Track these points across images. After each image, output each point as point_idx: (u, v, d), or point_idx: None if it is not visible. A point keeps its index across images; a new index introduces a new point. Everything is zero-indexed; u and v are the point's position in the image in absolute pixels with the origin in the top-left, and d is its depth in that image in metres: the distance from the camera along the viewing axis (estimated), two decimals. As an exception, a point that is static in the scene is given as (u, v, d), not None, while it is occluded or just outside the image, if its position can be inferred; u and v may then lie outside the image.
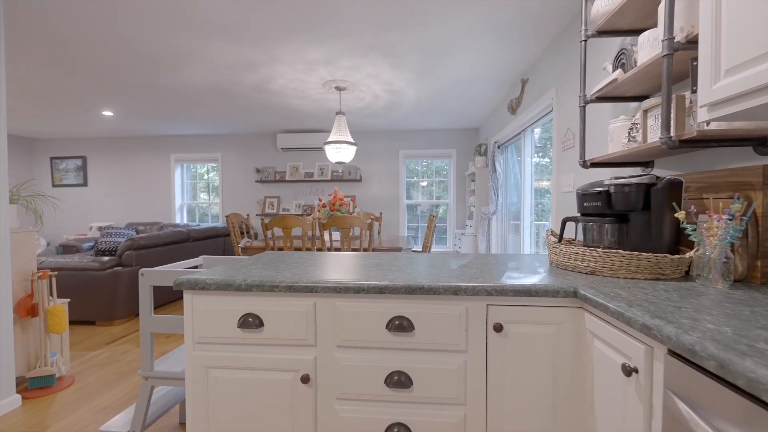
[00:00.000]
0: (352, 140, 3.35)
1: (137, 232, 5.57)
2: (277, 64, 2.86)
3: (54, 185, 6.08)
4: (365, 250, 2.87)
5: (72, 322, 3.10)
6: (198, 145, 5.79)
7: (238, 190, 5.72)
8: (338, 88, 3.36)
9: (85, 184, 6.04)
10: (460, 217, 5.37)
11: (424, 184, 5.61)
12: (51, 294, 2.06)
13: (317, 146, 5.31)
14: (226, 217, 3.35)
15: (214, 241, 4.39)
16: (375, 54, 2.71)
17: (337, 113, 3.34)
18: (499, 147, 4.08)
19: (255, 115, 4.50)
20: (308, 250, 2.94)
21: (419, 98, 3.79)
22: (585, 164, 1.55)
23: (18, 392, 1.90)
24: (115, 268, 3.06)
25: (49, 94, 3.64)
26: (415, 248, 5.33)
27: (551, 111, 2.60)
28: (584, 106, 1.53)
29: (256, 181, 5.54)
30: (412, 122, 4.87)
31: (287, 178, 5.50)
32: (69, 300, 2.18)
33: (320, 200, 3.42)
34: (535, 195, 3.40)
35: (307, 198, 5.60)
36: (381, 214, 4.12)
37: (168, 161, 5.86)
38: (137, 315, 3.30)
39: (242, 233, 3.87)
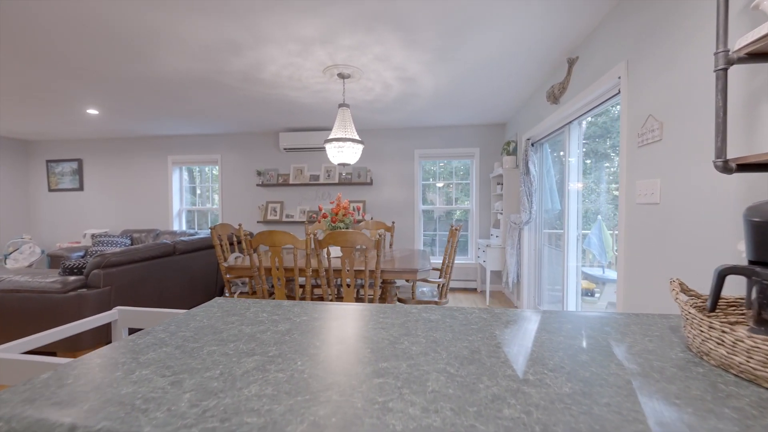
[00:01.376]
0: (357, 137, 2.80)
1: (132, 240, 5.20)
2: (265, 44, 2.34)
3: (50, 189, 5.79)
4: (372, 273, 2.31)
5: (32, 352, 2.65)
6: (196, 145, 5.37)
7: (239, 194, 5.27)
8: (341, 76, 2.82)
9: (80, 188, 5.73)
10: (483, 224, 4.74)
11: (440, 185, 5.00)
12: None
13: (322, 146, 4.79)
14: (211, 228, 2.86)
15: (206, 254, 3.92)
16: (382, 27, 2.14)
17: (341, 105, 2.79)
18: (533, 145, 3.45)
19: (250, 112, 4.01)
20: (302, 271, 2.40)
21: (438, 87, 3.20)
22: (727, 166, 0.94)
23: None
24: (80, 290, 2.60)
25: (25, 90, 3.25)
26: (434, 261, 4.74)
27: (616, 94, 1.97)
28: (725, 69, 0.92)
29: (258, 185, 5.07)
30: (430, 118, 4.28)
31: (291, 182, 5.01)
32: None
33: (320, 209, 2.88)
34: (575, 200, 2.76)
35: (312, 203, 5.09)
36: (393, 223, 3.56)
37: (165, 163, 5.47)
38: (108, 342, 2.84)
39: (234, 244, 3.37)
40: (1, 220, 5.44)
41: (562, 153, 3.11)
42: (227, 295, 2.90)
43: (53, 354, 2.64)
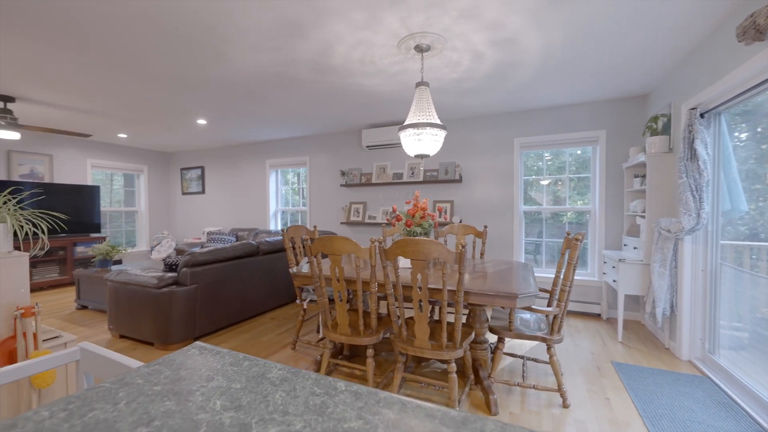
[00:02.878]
0: (438, 121, 2.26)
1: (237, 237, 5.70)
2: (327, 18, 2.02)
3: (183, 193, 6.86)
4: (452, 293, 1.75)
5: (136, 340, 2.94)
6: (288, 149, 5.60)
7: (325, 195, 5.28)
8: (419, 49, 2.33)
9: (203, 191, 6.62)
10: (611, 231, 3.61)
11: (546, 182, 4.04)
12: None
13: (406, 141, 4.38)
14: (282, 230, 2.72)
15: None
16: (470, -37, 1.57)
17: (418, 84, 2.31)
18: (702, 116, 2.34)
19: (329, 108, 3.85)
20: (366, 285, 2.00)
21: (548, 49, 2.42)
22: None
23: (-6, 460, 1.52)
24: (172, 287, 2.75)
25: (156, 109, 3.74)
26: (539, 275, 3.84)
27: None
28: None
29: (342, 185, 4.96)
30: (534, 96, 3.43)
31: (373, 181, 4.75)
32: (74, 339, 1.78)
33: (394, 210, 2.45)
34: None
35: (395, 203, 4.73)
36: (486, 228, 2.89)
37: (264, 167, 5.87)
38: (197, 337, 2.97)
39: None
40: (151, 218, 6.67)
41: (760, 128, 1.99)
42: (298, 301, 2.72)
43: (151, 344, 2.85)
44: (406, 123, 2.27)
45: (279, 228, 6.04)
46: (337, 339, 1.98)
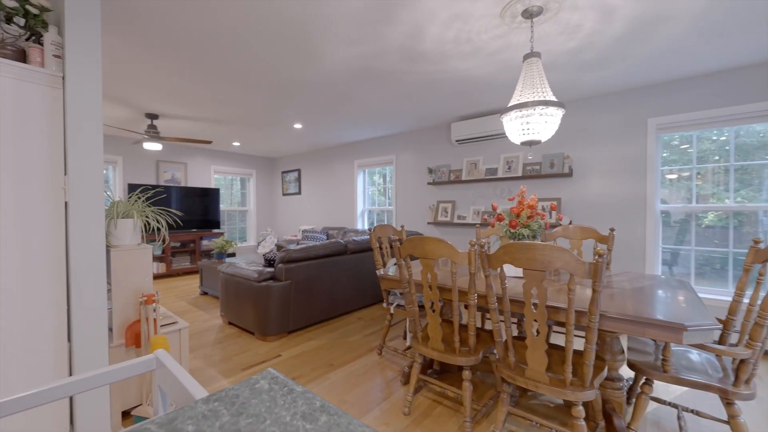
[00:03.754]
0: (553, 98, 1.84)
1: (328, 236, 5.96)
2: (420, -7, 1.80)
3: (283, 194, 7.53)
4: (583, 317, 1.35)
5: (241, 328, 3.19)
6: (375, 148, 5.61)
7: (411, 194, 5.11)
8: (528, 14, 1.93)
9: (299, 192, 7.15)
10: (811, 238, 2.55)
11: (687, 174, 3.09)
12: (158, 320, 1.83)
13: (501, 132, 3.90)
14: (370, 230, 2.61)
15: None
16: None
17: (527, 56, 1.92)
18: None
19: (417, 102, 3.64)
20: (463, 295, 1.71)
21: (720, -13, 1.76)
22: None
23: (124, 427, 1.72)
24: (269, 282, 2.90)
25: (260, 117, 4.12)
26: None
27: None
28: None
29: (429, 183, 4.72)
30: (683, 61, 2.63)
31: (463, 178, 4.38)
32: (186, 326, 1.94)
33: (494, 207, 2.10)
34: None
35: (488, 202, 4.28)
36: (613, 231, 2.30)
37: (352, 167, 6.02)
38: (290, 332, 3.09)
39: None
40: (258, 216, 7.50)
41: None
42: (385, 305, 2.58)
43: (253, 334, 3.05)
44: (511, 104, 1.91)
45: (366, 227, 6.12)
46: (428, 354, 1.75)
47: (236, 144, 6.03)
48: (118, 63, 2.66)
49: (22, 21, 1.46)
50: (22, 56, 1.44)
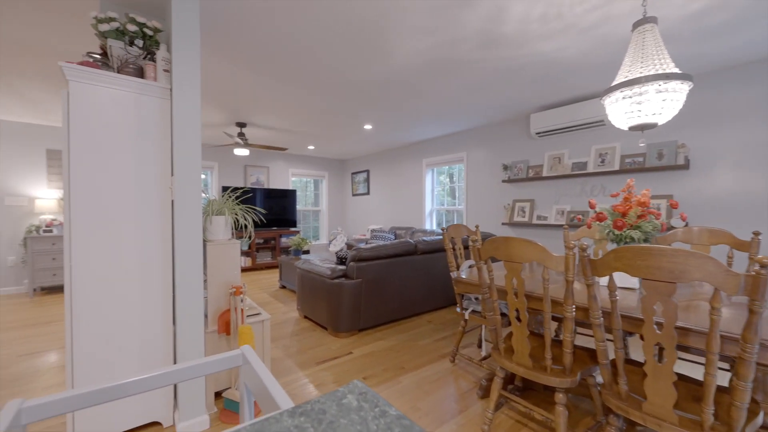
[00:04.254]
0: (674, 68, 1.50)
1: (395, 235, 5.95)
2: (504, -33, 1.62)
3: (353, 194, 7.77)
4: (723, 340, 1.06)
5: (315, 323, 3.32)
6: (444, 146, 5.42)
7: (483, 193, 4.81)
8: (640, -26, 1.61)
9: (368, 192, 7.30)
10: None
11: None
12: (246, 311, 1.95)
13: (593, 119, 3.42)
14: (443, 230, 2.48)
15: (445, 255, 3.69)
16: None
17: (636, 24, 1.60)
18: None
19: (493, 93, 3.38)
20: (557, 306, 1.49)
21: None
22: None
23: (216, 407, 1.87)
24: (341, 279, 2.95)
25: (332, 120, 4.30)
26: None
27: None
28: None
29: (503, 181, 4.39)
30: None
31: (544, 174, 3.97)
32: (269, 318, 2.05)
33: (592, 205, 1.80)
34: None
35: (575, 200, 3.80)
36: (757, 236, 1.81)
37: (420, 167, 5.92)
38: (360, 330, 3.11)
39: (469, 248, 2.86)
40: (330, 216, 7.86)
41: None
42: (458, 309, 2.43)
43: (325, 328, 3.15)
44: (616, 82, 1.61)
45: (434, 227, 5.97)
46: (512, 369, 1.56)
47: (311, 147, 6.39)
48: (214, 76, 2.97)
49: (140, 42, 1.68)
50: (140, 73, 1.66)
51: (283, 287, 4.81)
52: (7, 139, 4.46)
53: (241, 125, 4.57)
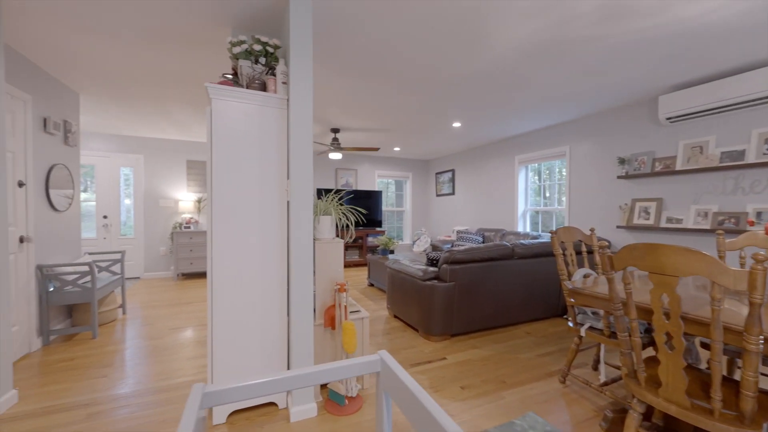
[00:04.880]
0: None
1: (483, 238, 5.65)
2: None
3: (437, 195, 7.65)
4: None
5: (405, 323, 3.31)
6: (542, 140, 4.92)
7: (591, 191, 4.21)
8: None
9: (453, 193, 7.09)
10: None
11: None
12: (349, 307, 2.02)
13: (755, 96, 2.67)
14: (552, 233, 2.21)
15: (549, 261, 3.33)
16: None
17: None
18: None
19: (612, 73, 2.91)
20: (731, 333, 1.17)
21: None
22: None
23: (322, 396, 1.98)
24: (433, 281, 2.89)
25: (420, 119, 4.29)
26: None
27: None
28: None
29: (619, 177, 3.77)
30: None
31: (678, 167, 3.28)
32: (368, 316, 2.09)
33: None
34: None
35: (725, 200, 3.04)
36: None
37: (512, 164, 5.49)
38: (453, 335, 3.00)
39: (584, 255, 2.50)
40: (413, 216, 7.88)
41: None
42: (569, 322, 2.13)
43: (416, 330, 3.12)
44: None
45: (527, 229, 5.47)
46: (658, 405, 1.28)
47: (397, 149, 6.49)
48: (316, 87, 3.20)
49: (263, 60, 1.87)
50: (263, 87, 1.85)
51: (371, 285, 4.96)
52: (160, 153, 5.58)
53: (335, 131, 4.87)
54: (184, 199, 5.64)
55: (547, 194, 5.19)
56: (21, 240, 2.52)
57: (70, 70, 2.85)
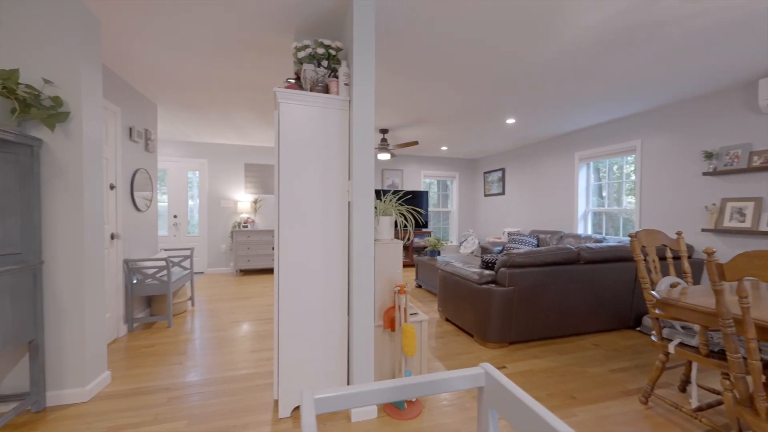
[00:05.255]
0: None
1: (538, 240, 5.34)
2: None
3: (485, 195, 7.38)
4: None
5: (458, 327, 3.21)
6: (607, 135, 4.52)
7: (667, 190, 3.77)
8: None
9: (503, 192, 6.79)
10: None
11: None
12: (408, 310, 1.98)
13: None
14: (631, 236, 1.99)
15: (618, 267, 3.03)
16: None
17: None
18: None
19: (700, 59, 2.57)
20: None
21: None
22: None
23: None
24: (490, 285, 2.76)
25: (470, 117, 4.16)
26: None
27: None
28: None
29: (705, 174, 3.33)
30: None
31: (785, 162, 2.81)
32: (427, 319, 2.04)
33: None
34: None
35: None
36: None
37: (571, 161, 5.11)
38: (511, 342, 2.84)
39: (669, 261, 2.23)
40: (459, 217, 7.68)
41: None
42: (653, 336, 1.90)
43: (470, 335, 3.00)
44: None
45: (588, 232, 5.06)
46: (788, 442, 1.08)
47: (444, 149, 6.36)
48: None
49: (325, 63, 1.91)
50: (326, 90, 1.88)
51: (419, 286, 4.90)
52: (222, 157, 6.00)
53: (384, 131, 4.88)
54: (242, 200, 6.00)
55: (603, 194, 4.75)
56: (112, 237, 2.83)
57: (150, 83, 3.15)
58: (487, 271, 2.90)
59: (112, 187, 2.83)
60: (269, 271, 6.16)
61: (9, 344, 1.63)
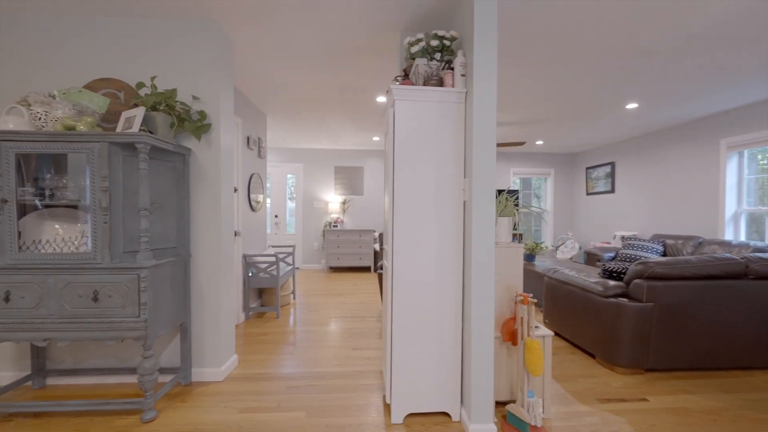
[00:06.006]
0: None
1: (665, 247, 4.47)
2: None
3: (587, 193, 6.51)
4: None
5: (572, 344, 2.81)
6: (765, 116, 3.54)
7: None
8: None
9: (612, 190, 5.89)
10: None
11: None
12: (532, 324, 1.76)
13: None
14: None
15: (808, 284, 2.30)
16: None
17: None
18: None
19: None
20: None
21: None
22: None
23: (497, 416, 1.78)
24: (620, 299, 2.34)
25: (577, 106, 3.67)
26: None
27: None
28: None
29: None
30: None
31: None
32: (552, 333, 1.79)
33: None
34: None
35: None
36: None
37: (715, 151, 4.15)
38: (648, 369, 2.37)
39: None
40: (556, 218, 6.92)
41: None
42: None
43: (593, 356, 2.60)
44: None
45: (741, 237, 4.04)
46: None
47: (539, 143, 5.79)
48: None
49: (438, 55, 1.81)
50: (440, 83, 1.78)
51: (514, 294, 4.51)
52: (315, 161, 6.42)
53: (475, 127, 4.62)
54: (332, 201, 6.34)
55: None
56: (235, 234, 3.19)
57: (262, 95, 3.47)
58: (611, 282, 2.47)
59: (235, 189, 3.19)
60: (357, 269, 6.38)
61: (169, 326, 1.90)
